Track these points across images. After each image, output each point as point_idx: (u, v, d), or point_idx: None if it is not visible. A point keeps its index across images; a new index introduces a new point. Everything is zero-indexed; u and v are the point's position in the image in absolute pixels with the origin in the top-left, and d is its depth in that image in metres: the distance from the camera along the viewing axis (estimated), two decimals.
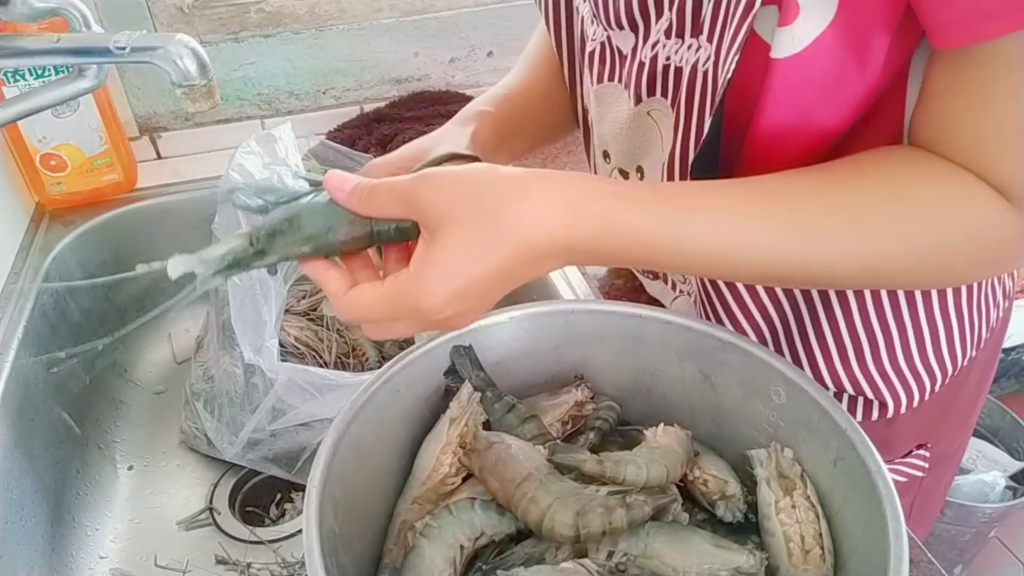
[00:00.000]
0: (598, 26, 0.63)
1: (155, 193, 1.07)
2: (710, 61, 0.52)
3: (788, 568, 0.49)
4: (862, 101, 0.50)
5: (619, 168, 0.67)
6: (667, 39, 0.56)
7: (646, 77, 0.59)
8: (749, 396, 0.55)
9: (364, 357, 0.94)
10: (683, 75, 0.55)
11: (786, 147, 0.52)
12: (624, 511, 0.48)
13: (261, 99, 1.20)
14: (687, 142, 0.56)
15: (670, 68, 0.56)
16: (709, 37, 0.52)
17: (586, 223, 0.45)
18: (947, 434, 0.74)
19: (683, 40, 0.55)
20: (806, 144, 0.52)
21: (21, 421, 0.75)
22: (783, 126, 0.51)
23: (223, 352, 0.80)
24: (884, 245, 0.47)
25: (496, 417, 0.56)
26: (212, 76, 0.60)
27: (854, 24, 0.46)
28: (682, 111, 0.56)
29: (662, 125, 0.60)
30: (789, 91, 0.49)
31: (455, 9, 1.21)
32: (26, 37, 0.64)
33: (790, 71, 0.48)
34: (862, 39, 0.47)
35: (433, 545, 0.50)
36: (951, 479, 0.84)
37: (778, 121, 0.51)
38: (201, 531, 0.80)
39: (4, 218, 0.95)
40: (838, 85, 0.49)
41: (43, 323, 0.86)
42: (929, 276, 0.51)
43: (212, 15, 1.11)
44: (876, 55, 0.47)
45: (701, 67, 0.53)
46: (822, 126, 0.51)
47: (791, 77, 0.48)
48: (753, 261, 0.47)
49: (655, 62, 0.57)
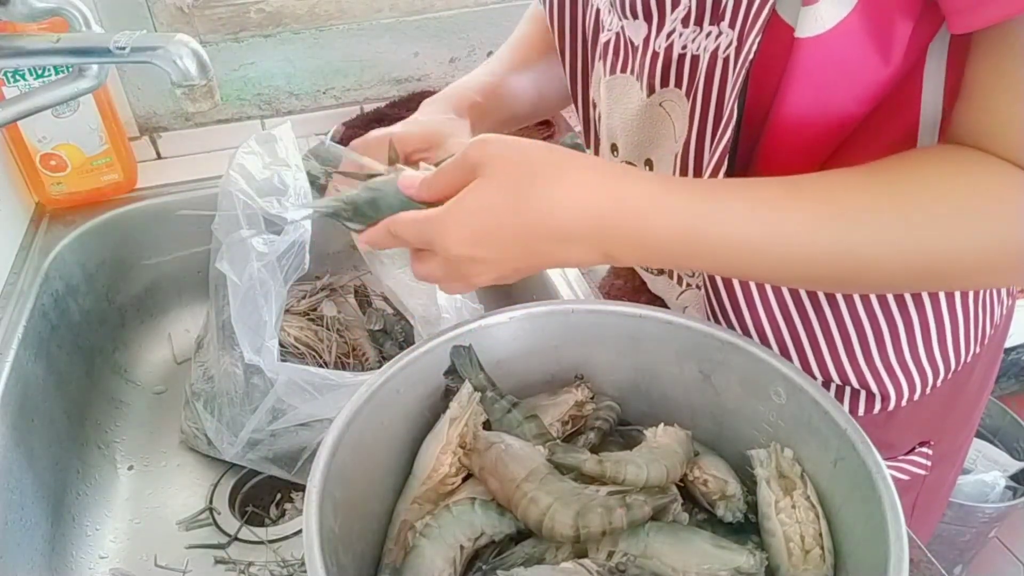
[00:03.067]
0: (613, 16, 0.63)
1: (155, 193, 1.07)
2: (732, 47, 0.52)
3: (788, 568, 0.49)
4: (882, 88, 0.50)
5: (627, 161, 0.67)
6: (684, 27, 0.56)
7: (660, 68, 0.59)
8: (749, 396, 0.55)
9: (364, 357, 0.94)
10: (700, 64, 0.55)
11: (805, 133, 0.53)
12: (624, 511, 0.48)
13: (261, 99, 1.20)
14: (703, 131, 0.57)
15: (686, 57, 0.56)
16: (731, 22, 0.52)
17: (622, 212, 0.46)
18: (950, 432, 0.74)
19: (701, 28, 0.55)
20: (825, 130, 0.52)
21: (21, 421, 0.75)
22: (804, 110, 0.51)
23: (223, 352, 0.80)
24: (930, 241, 0.46)
25: (496, 417, 0.56)
26: (212, 76, 0.60)
27: (878, 9, 0.46)
28: (699, 100, 0.56)
29: (675, 116, 0.60)
30: (812, 73, 0.49)
31: (455, 9, 1.21)
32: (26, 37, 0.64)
33: (814, 51, 0.48)
34: (885, 25, 0.47)
35: (433, 545, 0.50)
36: (954, 480, 0.83)
37: (800, 105, 0.51)
38: (201, 531, 0.80)
39: (4, 218, 0.95)
40: (860, 70, 0.49)
41: (43, 323, 0.86)
42: (975, 275, 0.50)
43: (212, 15, 1.11)
44: (898, 42, 0.47)
45: (722, 53, 0.53)
46: (841, 112, 0.51)
47: (815, 58, 0.48)
48: (796, 254, 0.46)
49: (670, 52, 0.57)
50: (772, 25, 0.49)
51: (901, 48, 0.48)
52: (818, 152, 0.54)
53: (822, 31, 0.47)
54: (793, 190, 0.47)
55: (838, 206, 0.46)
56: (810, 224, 0.46)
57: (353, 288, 1.02)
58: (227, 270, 0.75)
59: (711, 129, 0.56)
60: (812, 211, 0.46)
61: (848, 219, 0.46)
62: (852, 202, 0.47)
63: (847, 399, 0.65)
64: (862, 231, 0.46)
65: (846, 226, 0.46)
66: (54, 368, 0.85)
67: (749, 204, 0.46)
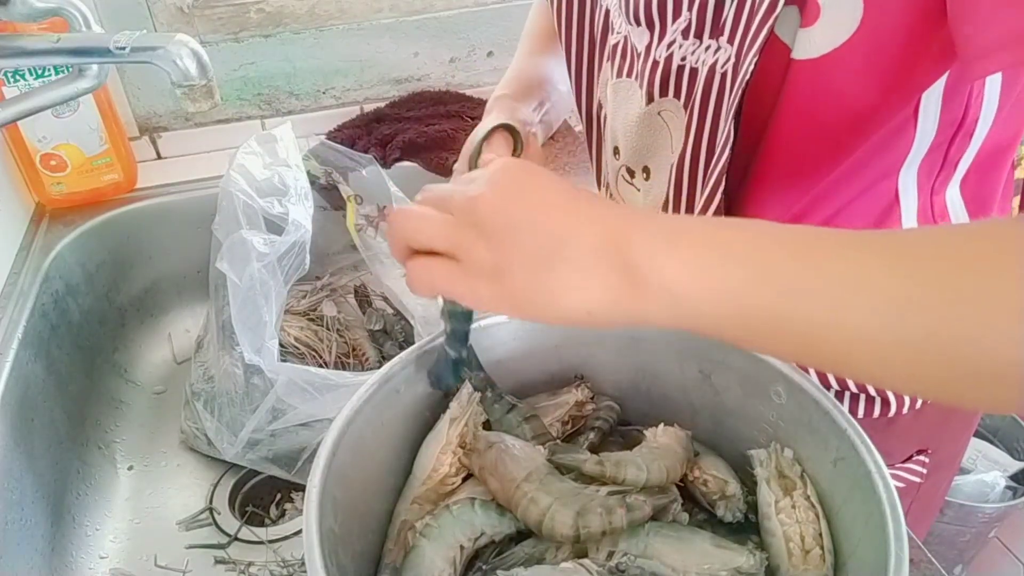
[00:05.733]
0: (622, 19, 0.63)
1: (155, 193, 1.07)
2: (729, 63, 0.52)
3: (788, 568, 0.49)
4: (876, 118, 0.50)
5: (627, 166, 0.67)
6: (684, 39, 0.56)
7: (659, 77, 0.58)
8: (749, 396, 0.55)
9: (364, 357, 0.94)
10: (698, 76, 0.55)
11: (799, 157, 0.52)
12: (624, 511, 0.48)
13: (261, 99, 1.20)
14: (699, 144, 0.56)
15: (684, 69, 0.56)
16: (730, 38, 0.52)
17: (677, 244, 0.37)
18: (948, 440, 0.74)
19: (701, 41, 0.55)
20: (818, 155, 0.52)
21: (21, 421, 0.75)
22: (798, 134, 0.51)
23: (223, 352, 0.80)
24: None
25: (496, 417, 0.56)
26: (212, 76, 0.60)
27: (878, 42, 0.46)
28: (695, 113, 0.56)
29: (672, 126, 0.59)
30: (806, 96, 0.49)
31: (455, 9, 1.21)
32: (26, 37, 0.64)
33: (810, 74, 0.48)
34: (885, 59, 0.47)
35: (433, 545, 0.50)
36: (949, 484, 0.83)
37: (794, 128, 0.51)
38: (201, 531, 0.80)
39: (4, 218, 0.95)
40: (854, 99, 0.49)
41: (43, 323, 0.86)
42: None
43: (212, 15, 1.11)
44: (898, 76, 0.47)
45: (720, 69, 0.53)
46: (835, 138, 0.51)
47: (811, 81, 0.48)
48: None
49: (669, 62, 0.57)
50: (770, 44, 0.49)
51: (901, 82, 0.47)
52: (812, 177, 0.54)
53: (818, 54, 0.47)
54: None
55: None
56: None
57: (353, 288, 1.02)
58: (227, 270, 0.75)
59: (707, 143, 0.56)
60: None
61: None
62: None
63: (846, 402, 0.65)
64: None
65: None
66: (54, 368, 0.85)
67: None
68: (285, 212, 0.81)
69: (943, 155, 0.55)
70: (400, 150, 1.09)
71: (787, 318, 0.35)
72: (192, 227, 1.04)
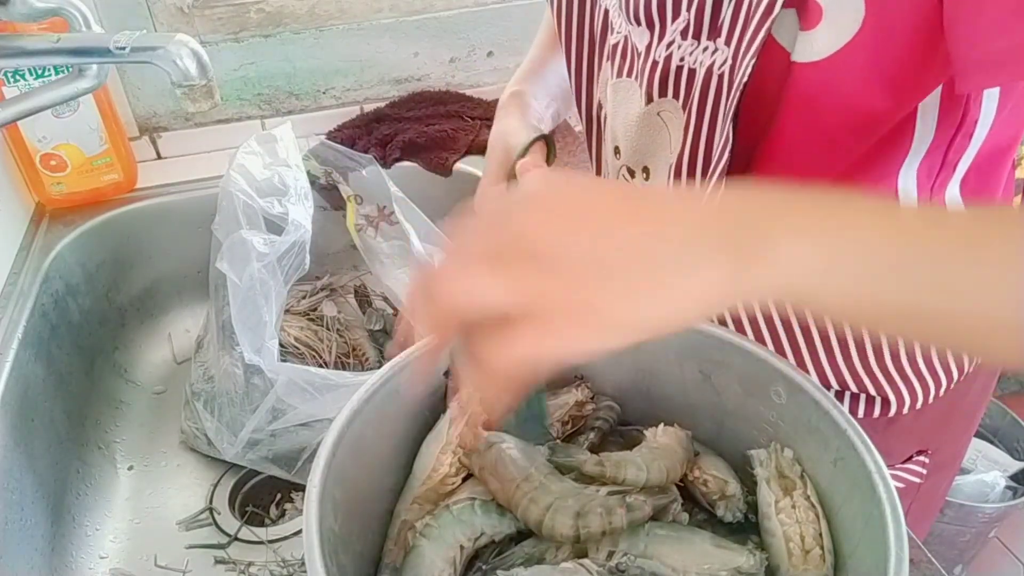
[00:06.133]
0: (622, 19, 0.63)
1: (155, 193, 1.07)
2: (727, 64, 0.52)
3: (788, 568, 0.49)
4: (877, 122, 0.50)
5: (627, 166, 0.67)
6: (683, 40, 0.56)
7: (659, 77, 0.58)
8: (749, 396, 0.55)
9: (364, 357, 0.94)
10: (696, 77, 0.55)
11: (798, 160, 0.52)
12: (624, 511, 0.48)
13: (261, 99, 1.20)
14: (697, 145, 0.56)
15: (683, 69, 0.56)
16: (727, 40, 0.52)
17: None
18: (948, 441, 0.74)
19: (699, 42, 0.55)
20: (818, 158, 0.52)
21: (21, 421, 0.75)
22: (798, 136, 0.51)
23: (223, 352, 0.80)
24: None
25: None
26: (212, 76, 0.60)
27: (879, 45, 0.46)
28: (693, 114, 0.56)
29: (671, 127, 0.59)
30: (806, 99, 0.49)
31: (455, 9, 1.21)
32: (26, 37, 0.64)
33: (811, 77, 0.48)
34: (887, 62, 0.46)
35: (433, 545, 0.50)
36: (949, 485, 0.84)
37: (793, 131, 0.51)
38: (201, 531, 0.80)
39: (4, 218, 0.95)
40: (854, 102, 0.49)
41: (43, 323, 0.86)
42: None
43: (212, 15, 1.11)
44: (899, 80, 0.47)
45: (717, 70, 0.53)
46: (835, 141, 0.51)
47: (811, 84, 0.48)
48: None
49: (668, 62, 0.57)
50: (768, 48, 0.49)
51: (902, 86, 0.47)
52: (813, 178, 0.54)
53: (819, 58, 0.47)
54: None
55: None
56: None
57: (353, 288, 1.02)
58: (227, 270, 0.75)
59: (705, 144, 0.56)
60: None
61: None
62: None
63: (846, 402, 0.65)
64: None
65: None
66: (54, 368, 0.85)
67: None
68: (285, 212, 0.81)
69: (942, 156, 0.55)
70: (400, 150, 1.09)
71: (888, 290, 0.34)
72: (192, 227, 1.04)
